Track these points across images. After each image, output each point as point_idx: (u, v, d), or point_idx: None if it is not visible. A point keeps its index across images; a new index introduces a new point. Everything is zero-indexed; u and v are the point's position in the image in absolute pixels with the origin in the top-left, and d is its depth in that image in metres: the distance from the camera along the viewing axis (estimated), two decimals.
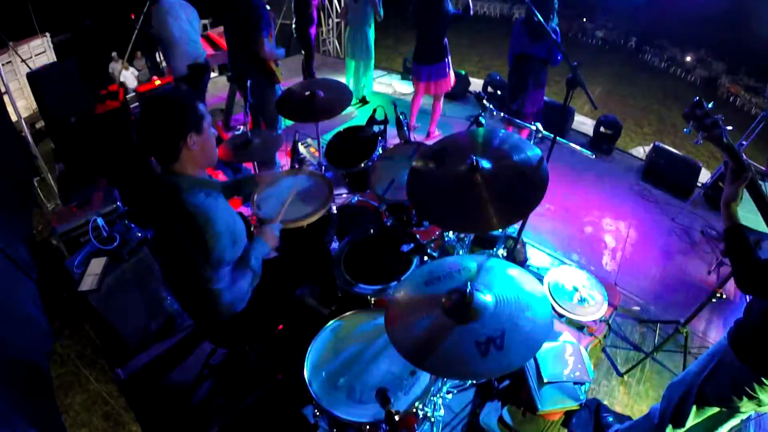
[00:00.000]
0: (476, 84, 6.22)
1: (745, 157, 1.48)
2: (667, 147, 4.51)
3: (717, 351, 1.64)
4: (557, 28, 3.34)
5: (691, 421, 1.74)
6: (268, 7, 3.61)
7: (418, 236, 2.28)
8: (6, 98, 3.94)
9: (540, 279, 2.49)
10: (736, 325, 1.57)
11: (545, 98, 3.89)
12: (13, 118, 4.09)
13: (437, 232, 2.55)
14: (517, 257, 3.07)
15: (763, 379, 1.47)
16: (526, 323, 1.36)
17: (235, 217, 1.72)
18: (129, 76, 7.60)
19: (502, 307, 1.42)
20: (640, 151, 5.25)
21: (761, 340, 1.46)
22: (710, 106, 1.46)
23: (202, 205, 1.54)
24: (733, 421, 1.72)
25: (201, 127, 1.55)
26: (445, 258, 1.75)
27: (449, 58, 4.22)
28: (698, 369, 1.71)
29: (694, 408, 1.71)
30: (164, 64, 4.40)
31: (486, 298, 1.44)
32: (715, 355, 1.64)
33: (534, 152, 1.73)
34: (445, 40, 4.09)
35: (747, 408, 1.59)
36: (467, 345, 1.32)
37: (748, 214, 2.47)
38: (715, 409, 1.68)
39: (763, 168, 3.68)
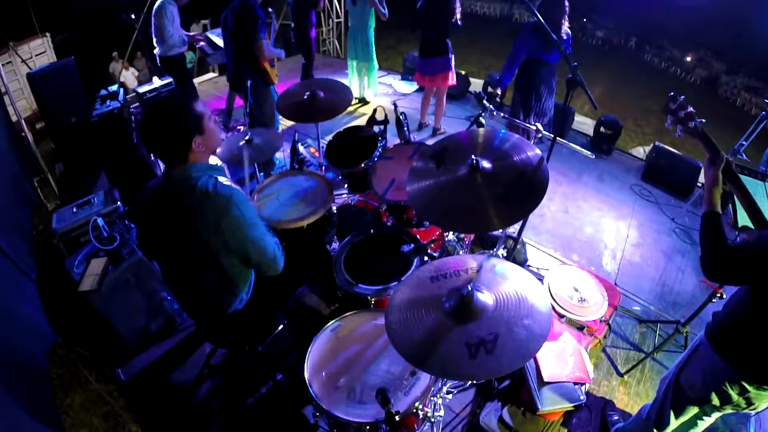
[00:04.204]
0: (476, 84, 6.23)
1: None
2: (667, 147, 4.52)
3: (695, 343, 1.66)
4: (569, 32, 3.31)
5: (675, 421, 1.75)
6: (270, 9, 3.62)
7: (418, 236, 2.28)
8: (6, 98, 3.95)
9: (540, 279, 2.50)
10: (713, 317, 1.59)
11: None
12: (13, 118, 4.09)
13: (437, 233, 2.55)
14: (517, 257, 3.07)
15: (735, 372, 1.48)
16: (521, 331, 1.33)
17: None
18: (129, 76, 7.61)
19: (501, 311, 1.40)
20: (640, 151, 5.25)
21: (735, 331, 1.47)
22: (682, 98, 1.57)
23: (221, 190, 1.54)
24: (706, 421, 1.73)
25: (203, 127, 1.55)
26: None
27: (452, 55, 4.22)
28: (679, 361, 1.73)
29: (671, 412, 1.72)
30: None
31: (487, 299, 1.43)
32: (694, 348, 1.66)
33: (534, 152, 1.73)
34: (448, 39, 4.11)
35: (716, 403, 1.59)
36: (458, 345, 1.32)
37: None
38: (696, 409, 1.69)
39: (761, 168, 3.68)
